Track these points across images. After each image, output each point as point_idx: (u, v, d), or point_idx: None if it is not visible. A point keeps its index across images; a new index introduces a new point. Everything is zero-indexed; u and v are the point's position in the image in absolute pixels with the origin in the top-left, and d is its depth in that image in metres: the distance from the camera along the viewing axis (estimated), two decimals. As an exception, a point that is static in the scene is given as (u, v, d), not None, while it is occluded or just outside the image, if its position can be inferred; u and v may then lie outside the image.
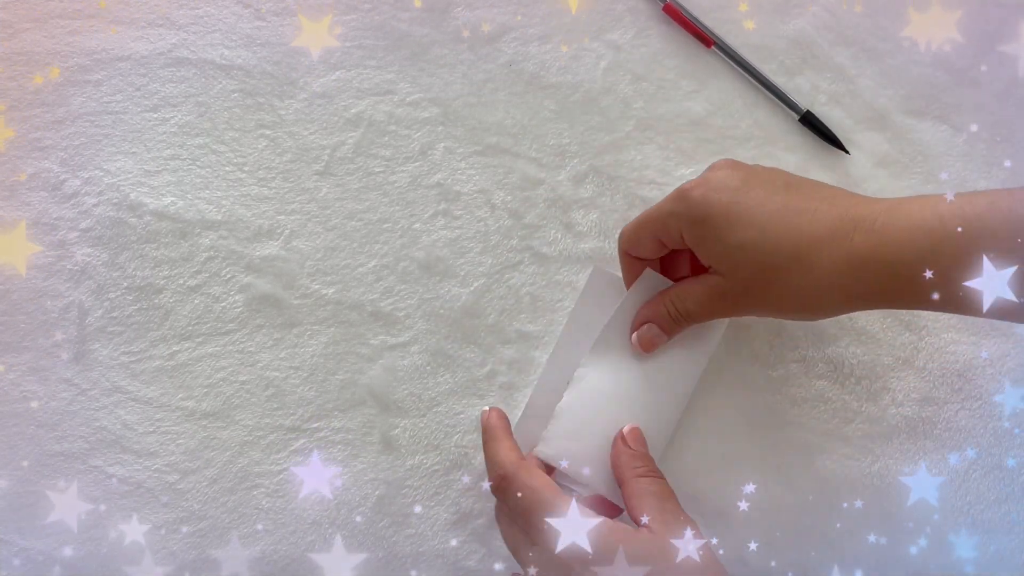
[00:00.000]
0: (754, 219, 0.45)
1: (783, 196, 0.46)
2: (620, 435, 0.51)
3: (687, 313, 0.50)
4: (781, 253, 0.45)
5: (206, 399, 0.55)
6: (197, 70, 0.57)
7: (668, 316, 0.50)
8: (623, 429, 0.51)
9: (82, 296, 0.56)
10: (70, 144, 0.57)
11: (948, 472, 0.55)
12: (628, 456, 0.50)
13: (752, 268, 0.46)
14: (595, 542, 0.44)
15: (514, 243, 0.56)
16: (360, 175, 0.57)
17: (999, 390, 0.55)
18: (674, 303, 0.50)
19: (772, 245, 0.45)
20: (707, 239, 0.46)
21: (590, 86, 0.57)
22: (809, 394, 0.55)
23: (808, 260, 0.45)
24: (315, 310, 0.56)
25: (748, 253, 0.45)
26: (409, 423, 0.55)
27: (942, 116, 0.57)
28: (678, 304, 0.50)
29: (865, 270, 0.44)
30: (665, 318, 0.51)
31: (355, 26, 0.58)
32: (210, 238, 0.56)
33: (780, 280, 0.45)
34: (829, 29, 0.57)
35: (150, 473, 0.55)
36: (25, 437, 0.55)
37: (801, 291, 0.45)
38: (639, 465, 0.49)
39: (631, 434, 0.51)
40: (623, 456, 0.50)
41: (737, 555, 0.54)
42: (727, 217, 0.46)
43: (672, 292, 0.50)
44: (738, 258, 0.46)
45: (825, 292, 0.45)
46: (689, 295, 0.49)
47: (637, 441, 0.51)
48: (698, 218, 0.46)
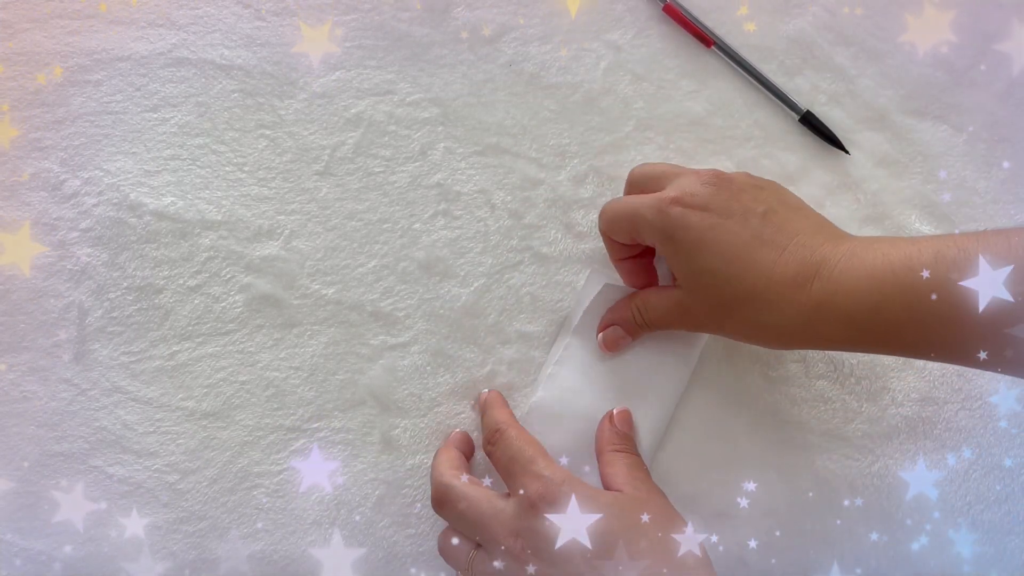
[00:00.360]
0: (723, 249, 0.46)
1: (758, 225, 0.46)
2: (609, 414, 0.52)
3: (651, 322, 0.51)
4: (742, 287, 0.46)
5: (206, 399, 0.55)
6: (197, 70, 0.57)
7: (633, 321, 0.52)
8: (612, 410, 0.52)
9: (82, 296, 0.56)
10: (70, 144, 0.57)
11: (948, 472, 0.55)
12: (609, 432, 0.52)
13: (714, 295, 0.47)
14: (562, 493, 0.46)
15: (514, 243, 0.56)
16: (360, 175, 0.57)
17: (997, 390, 0.55)
18: (640, 311, 0.51)
19: (734, 278, 0.46)
20: (675, 257, 0.47)
21: (590, 86, 0.57)
22: (809, 394, 0.55)
23: (767, 301, 0.45)
24: (315, 310, 0.56)
25: (711, 280, 0.46)
26: (409, 423, 0.55)
27: (942, 116, 0.57)
28: (643, 312, 0.51)
29: (822, 319, 0.44)
30: (630, 323, 0.52)
31: (355, 26, 0.58)
32: (210, 238, 0.56)
33: (741, 312, 0.46)
34: (829, 29, 0.57)
35: (150, 473, 0.55)
36: (25, 437, 0.55)
37: (762, 327, 0.46)
38: (617, 443, 0.51)
39: (619, 415, 0.52)
40: (605, 432, 0.52)
41: (737, 555, 0.54)
42: (698, 242, 0.46)
43: (639, 299, 0.52)
44: (702, 283, 0.47)
45: (787, 333, 0.46)
46: (655, 306, 0.51)
47: (624, 422, 0.52)
48: (670, 236, 0.47)
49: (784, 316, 0.45)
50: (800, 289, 0.45)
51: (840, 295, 0.44)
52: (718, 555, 0.54)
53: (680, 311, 0.49)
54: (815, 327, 0.45)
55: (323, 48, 0.57)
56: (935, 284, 0.41)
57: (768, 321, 0.46)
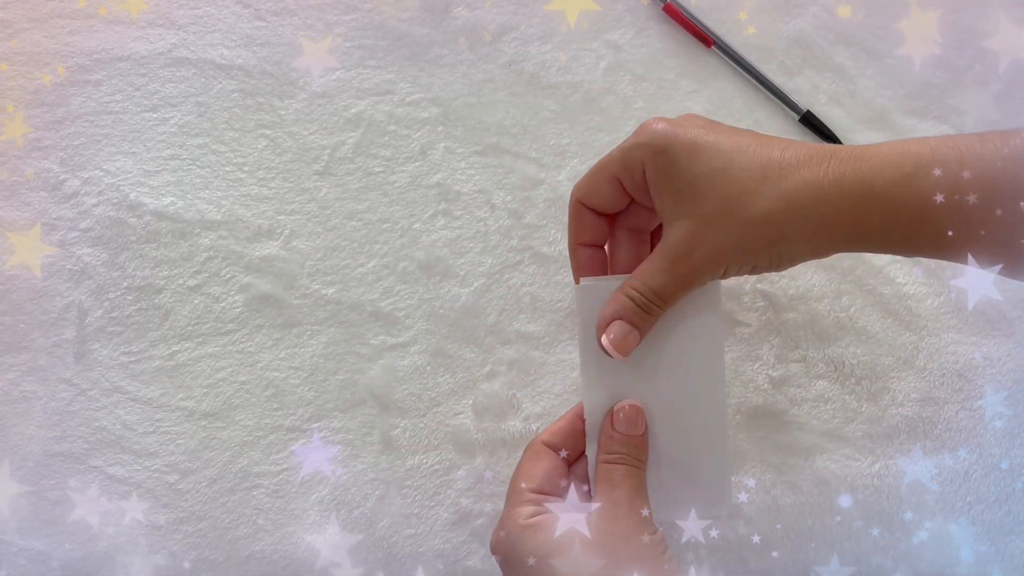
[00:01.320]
0: (721, 148, 0.43)
1: (750, 135, 0.44)
2: (611, 412, 0.47)
3: (653, 290, 0.44)
4: (749, 177, 0.42)
5: (206, 399, 0.55)
6: (197, 70, 0.57)
7: (634, 304, 0.45)
8: (614, 407, 0.47)
9: (82, 296, 0.56)
10: (70, 144, 0.57)
11: (948, 472, 0.55)
12: (607, 439, 0.46)
13: (717, 196, 0.42)
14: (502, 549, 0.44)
15: (514, 243, 0.56)
16: (360, 175, 0.57)
17: (998, 390, 0.55)
18: (635, 287, 0.45)
19: (740, 171, 0.42)
20: (670, 170, 0.43)
21: (590, 86, 0.57)
22: (809, 394, 0.55)
23: (777, 182, 0.42)
24: (315, 310, 0.56)
25: (714, 179, 0.42)
26: (409, 423, 0.55)
27: (942, 116, 0.57)
28: (640, 285, 0.45)
29: (839, 193, 0.41)
30: (630, 308, 0.45)
31: (355, 26, 0.57)
32: (210, 238, 0.56)
33: (747, 207, 0.42)
34: (829, 29, 0.57)
35: (150, 473, 0.55)
36: (25, 437, 0.55)
37: (769, 217, 0.42)
38: (614, 450, 0.46)
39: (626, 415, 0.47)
40: (603, 438, 0.47)
41: (737, 555, 0.54)
42: (693, 146, 0.43)
43: (629, 281, 0.45)
44: (703, 187, 0.43)
45: (794, 218, 0.42)
46: (649, 268, 0.45)
47: (627, 423, 0.46)
48: (662, 147, 0.43)
49: (794, 197, 0.42)
50: (814, 168, 0.42)
51: (861, 169, 0.41)
52: (719, 555, 0.54)
53: (680, 249, 0.43)
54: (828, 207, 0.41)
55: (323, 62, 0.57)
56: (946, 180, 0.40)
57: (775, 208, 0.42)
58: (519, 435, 0.55)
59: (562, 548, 0.42)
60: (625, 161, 0.45)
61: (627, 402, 0.47)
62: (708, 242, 0.43)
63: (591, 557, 0.42)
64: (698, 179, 0.43)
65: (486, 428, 0.55)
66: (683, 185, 0.43)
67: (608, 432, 0.46)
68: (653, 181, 0.44)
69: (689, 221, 0.43)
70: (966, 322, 0.55)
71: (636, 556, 0.42)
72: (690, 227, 0.43)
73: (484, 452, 0.55)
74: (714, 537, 0.54)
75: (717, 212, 0.43)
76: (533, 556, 0.43)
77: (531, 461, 0.47)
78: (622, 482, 0.45)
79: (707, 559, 0.54)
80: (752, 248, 0.43)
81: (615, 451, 0.46)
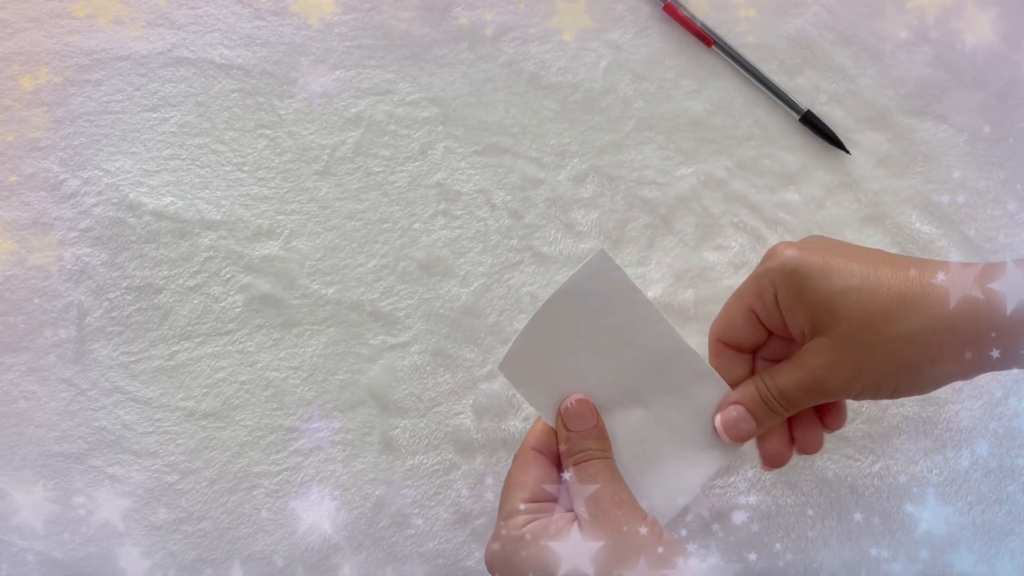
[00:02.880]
0: (854, 269, 0.42)
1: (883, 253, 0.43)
2: (560, 413, 0.46)
3: (782, 392, 0.44)
4: (890, 294, 0.41)
5: (206, 399, 0.55)
6: (196, 70, 0.57)
7: (758, 397, 0.44)
8: (561, 405, 0.46)
9: (81, 296, 0.56)
10: (69, 144, 0.57)
11: (948, 472, 0.55)
12: (565, 442, 0.45)
13: (855, 315, 0.41)
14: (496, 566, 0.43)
15: (514, 243, 0.56)
16: (360, 175, 0.57)
17: (998, 390, 0.55)
18: (765, 381, 0.44)
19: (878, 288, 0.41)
20: (804, 292, 0.42)
21: (590, 86, 0.57)
22: (809, 394, 0.55)
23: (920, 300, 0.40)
24: (315, 310, 0.56)
25: (850, 298, 0.41)
26: (409, 423, 0.55)
27: (942, 116, 0.57)
28: (769, 382, 0.44)
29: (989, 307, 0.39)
30: (754, 399, 0.45)
31: (355, 26, 0.57)
32: (210, 238, 0.56)
33: (887, 327, 0.41)
34: (829, 29, 0.57)
35: (150, 473, 0.55)
36: (25, 437, 0.55)
37: (911, 338, 0.40)
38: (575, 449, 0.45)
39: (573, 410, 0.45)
40: (561, 442, 0.46)
41: (737, 555, 0.54)
42: (825, 268, 0.42)
43: (764, 372, 0.45)
44: (840, 305, 0.41)
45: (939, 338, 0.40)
46: (782, 371, 0.44)
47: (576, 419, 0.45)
48: (792, 270, 0.42)
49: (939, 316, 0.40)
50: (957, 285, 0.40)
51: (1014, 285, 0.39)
52: (719, 556, 0.54)
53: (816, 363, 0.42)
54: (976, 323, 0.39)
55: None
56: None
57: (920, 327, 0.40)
58: (519, 435, 0.55)
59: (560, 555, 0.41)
60: (757, 288, 0.44)
61: (572, 398, 0.46)
62: (848, 363, 0.42)
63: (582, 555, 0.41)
64: (833, 297, 0.42)
65: (486, 428, 0.55)
66: (817, 305, 0.42)
67: (564, 435, 0.46)
68: (786, 305, 0.43)
69: (827, 340, 0.42)
70: (966, 322, 0.55)
71: (635, 545, 0.42)
72: (828, 344, 0.42)
73: (484, 452, 0.55)
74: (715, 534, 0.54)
75: (857, 331, 0.41)
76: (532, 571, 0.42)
77: (521, 469, 0.46)
78: (595, 477, 0.44)
79: (707, 559, 0.54)
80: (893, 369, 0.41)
81: (576, 450, 0.45)
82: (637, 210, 0.56)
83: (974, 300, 0.40)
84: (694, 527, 0.54)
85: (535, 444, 0.47)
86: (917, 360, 0.41)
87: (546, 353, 0.46)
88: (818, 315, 0.42)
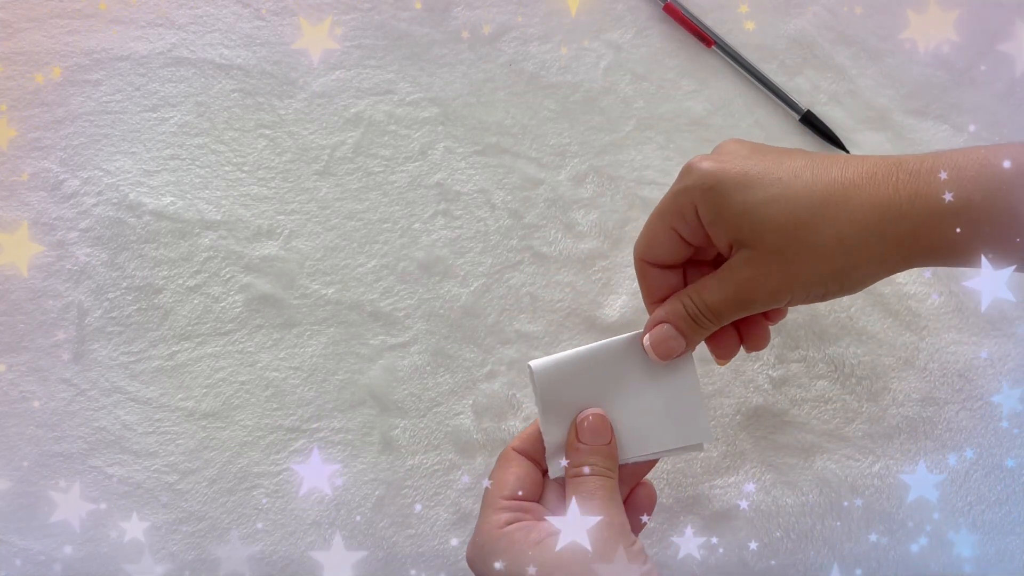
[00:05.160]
0: (774, 176, 0.41)
1: (803, 156, 0.42)
2: (574, 424, 0.45)
3: (709, 307, 0.43)
4: (812, 201, 0.40)
5: (206, 399, 0.55)
6: (196, 70, 0.57)
7: (686, 314, 0.44)
8: (578, 417, 0.45)
9: (81, 296, 0.56)
10: (69, 144, 0.57)
11: (948, 472, 0.55)
12: (573, 451, 0.45)
13: (778, 226, 0.40)
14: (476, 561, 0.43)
15: (514, 243, 0.56)
16: (360, 175, 0.57)
17: (999, 390, 0.55)
18: (692, 297, 0.43)
19: (799, 195, 0.40)
20: (724, 206, 0.41)
21: (590, 86, 0.57)
22: (809, 394, 0.55)
23: (842, 204, 0.39)
24: (315, 310, 0.56)
25: (772, 209, 0.40)
26: (409, 423, 0.55)
27: (942, 116, 0.57)
28: (696, 298, 0.43)
29: (912, 207, 0.38)
30: (682, 316, 0.44)
31: (355, 26, 0.57)
32: (209, 238, 0.56)
33: (811, 234, 0.40)
34: (829, 29, 0.57)
35: (150, 473, 0.55)
36: (25, 437, 0.55)
37: (836, 243, 0.39)
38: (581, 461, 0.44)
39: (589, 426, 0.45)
40: (570, 451, 0.45)
41: (737, 555, 0.54)
42: (743, 178, 0.41)
43: (688, 288, 0.44)
44: (761, 216, 0.40)
45: (864, 241, 0.39)
46: (709, 284, 0.43)
47: (592, 433, 0.45)
48: (710, 185, 0.41)
49: (862, 218, 0.39)
50: (881, 183, 0.39)
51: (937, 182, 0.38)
52: (719, 556, 0.54)
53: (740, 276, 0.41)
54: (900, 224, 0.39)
55: (322, 44, 0.57)
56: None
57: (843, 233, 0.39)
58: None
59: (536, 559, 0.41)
60: (677, 207, 0.43)
61: (590, 411, 0.45)
62: (774, 273, 0.41)
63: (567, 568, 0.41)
64: (755, 209, 0.40)
65: (486, 428, 0.55)
66: (739, 218, 0.41)
67: (574, 444, 0.45)
68: (708, 221, 0.42)
69: (752, 252, 0.41)
70: (967, 322, 0.55)
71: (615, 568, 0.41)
72: (753, 256, 0.41)
73: (484, 452, 0.55)
74: (714, 543, 0.54)
75: (780, 241, 0.40)
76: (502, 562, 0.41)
77: (503, 468, 0.45)
78: (594, 493, 0.43)
79: (708, 559, 0.54)
80: (822, 276, 0.41)
81: (583, 463, 0.44)
82: (637, 210, 0.56)
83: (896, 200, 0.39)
84: (694, 527, 0.54)
85: (519, 446, 0.46)
86: (843, 265, 0.40)
87: (579, 375, 0.46)
88: (741, 228, 0.41)
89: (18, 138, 0.56)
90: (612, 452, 0.45)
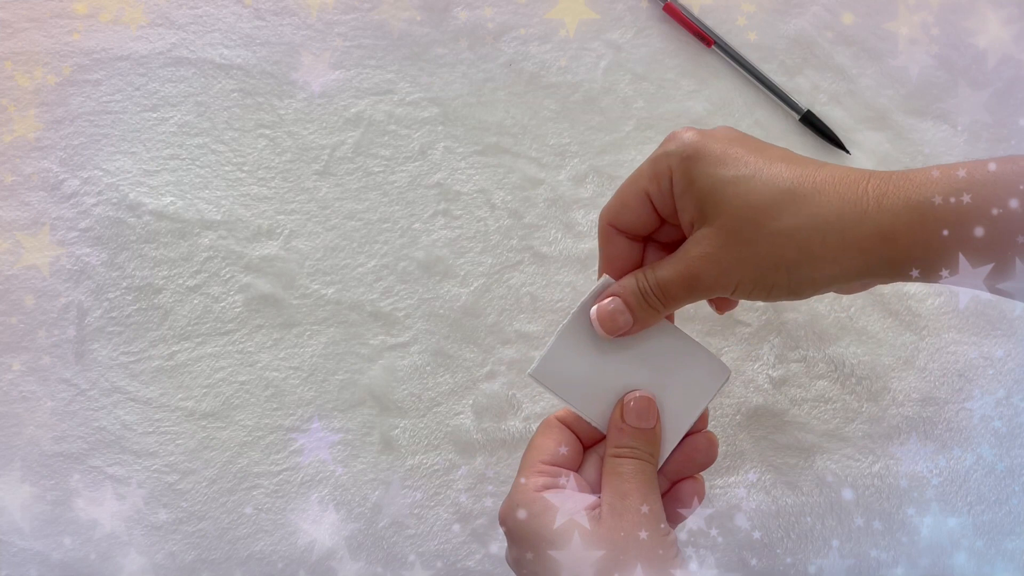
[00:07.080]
0: (750, 161, 0.40)
1: (786, 152, 0.42)
2: (620, 403, 0.45)
3: (660, 284, 0.42)
4: (778, 189, 0.39)
5: (205, 399, 0.55)
6: (196, 70, 0.57)
7: (637, 290, 0.43)
8: (625, 396, 0.45)
9: (81, 296, 0.56)
10: (69, 144, 0.57)
11: (948, 472, 0.55)
12: (616, 431, 0.44)
13: (737, 206, 0.40)
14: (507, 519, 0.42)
15: (514, 243, 0.56)
16: (360, 175, 0.57)
17: (999, 390, 0.55)
18: (646, 274, 0.43)
19: (766, 182, 0.40)
20: (695, 178, 0.41)
21: (590, 86, 0.57)
22: (809, 394, 0.55)
23: (808, 198, 0.39)
24: (315, 310, 0.56)
25: (737, 188, 0.40)
26: (409, 423, 0.55)
27: (942, 116, 0.57)
28: (649, 275, 0.43)
29: (879, 210, 0.38)
30: (632, 292, 0.43)
31: (355, 26, 0.57)
32: (209, 238, 0.56)
33: (769, 220, 0.39)
34: (829, 29, 0.57)
35: (149, 473, 0.55)
36: (24, 437, 0.55)
37: (792, 233, 0.39)
38: (623, 443, 0.44)
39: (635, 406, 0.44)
40: (612, 431, 0.44)
41: (737, 555, 0.54)
42: (721, 155, 0.41)
43: (648, 265, 0.44)
44: (726, 195, 0.40)
45: (821, 237, 0.39)
46: (662, 263, 0.42)
47: (638, 415, 0.44)
48: (689, 155, 0.41)
49: (824, 213, 0.38)
50: (849, 186, 0.39)
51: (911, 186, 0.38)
52: (719, 556, 0.54)
53: (695, 254, 0.41)
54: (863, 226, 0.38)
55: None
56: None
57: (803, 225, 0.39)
58: (519, 435, 0.55)
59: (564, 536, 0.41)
60: (654, 171, 0.42)
61: (638, 392, 0.45)
62: (725, 255, 0.40)
63: (593, 547, 0.41)
64: (722, 185, 0.40)
65: (486, 428, 0.55)
66: (706, 192, 0.41)
67: (617, 424, 0.44)
68: (679, 190, 0.42)
69: (709, 229, 0.41)
70: (966, 322, 0.55)
71: (642, 553, 0.41)
72: (710, 235, 0.41)
73: (484, 452, 0.55)
74: (715, 535, 0.54)
75: (738, 223, 0.40)
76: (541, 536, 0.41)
77: (544, 434, 0.45)
78: (631, 477, 0.43)
79: (708, 559, 0.54)
80: (771, 265, 0.40)
81: (624, 444, 0.44)
82: (637, 210, 0.56)
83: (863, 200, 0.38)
84: (694, 527, 0.54)
85: (563, 415, 0.46)
86: (795, 258, 0.39)
87: (576, 358, 0.46)
88: (705, 203, 0.41)
89: (18, 138, 0.56)
90: (655, 436, 0.44)
